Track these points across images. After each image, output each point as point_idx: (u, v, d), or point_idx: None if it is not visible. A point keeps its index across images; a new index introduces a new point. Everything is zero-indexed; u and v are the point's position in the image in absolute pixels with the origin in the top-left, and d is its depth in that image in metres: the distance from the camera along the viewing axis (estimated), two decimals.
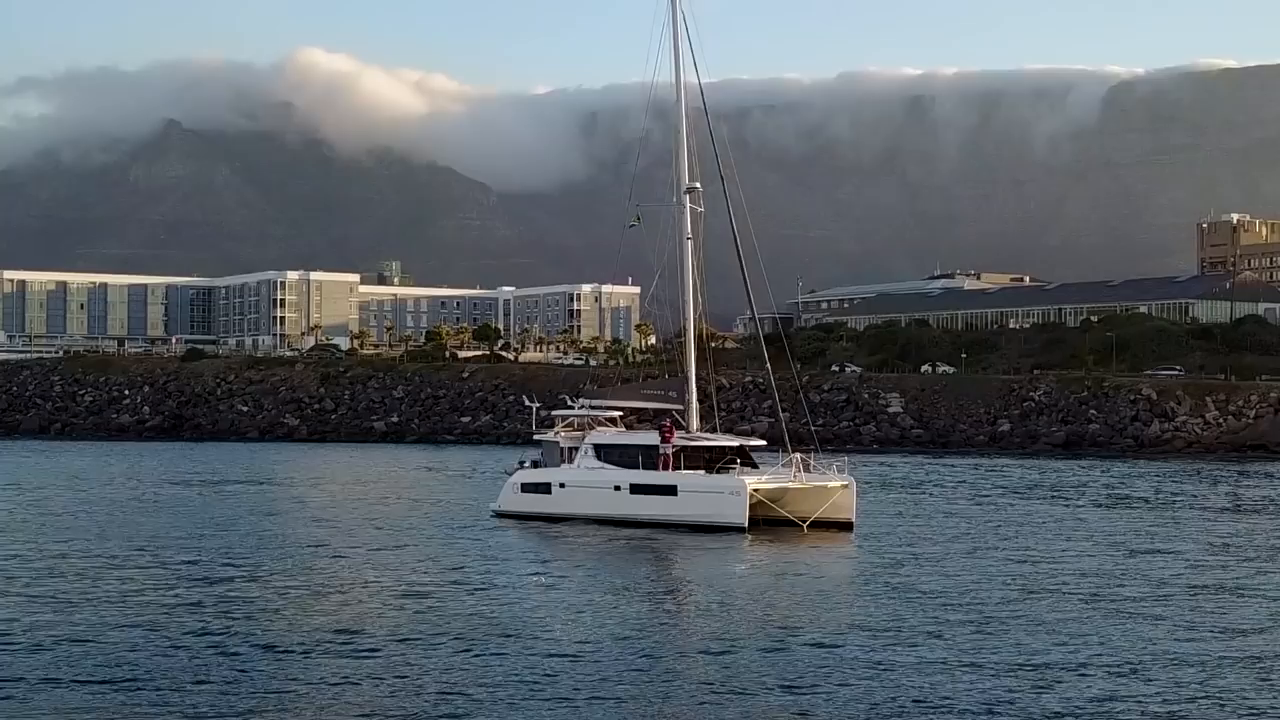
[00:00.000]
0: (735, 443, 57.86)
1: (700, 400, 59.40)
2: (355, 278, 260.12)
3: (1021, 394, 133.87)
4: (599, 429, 58.56)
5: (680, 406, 58.43)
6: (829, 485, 54.08)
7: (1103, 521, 60.50)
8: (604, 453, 56.34)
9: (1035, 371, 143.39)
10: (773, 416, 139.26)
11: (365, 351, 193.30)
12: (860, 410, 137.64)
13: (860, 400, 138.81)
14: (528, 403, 67.42)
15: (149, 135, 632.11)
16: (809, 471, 54.55)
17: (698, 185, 58.20)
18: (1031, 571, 43.44)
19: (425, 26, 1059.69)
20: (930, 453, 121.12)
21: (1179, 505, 69.18)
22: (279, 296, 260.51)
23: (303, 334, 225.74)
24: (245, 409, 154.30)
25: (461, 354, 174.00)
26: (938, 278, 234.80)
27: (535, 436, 61.80)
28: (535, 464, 59.44)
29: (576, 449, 56.97)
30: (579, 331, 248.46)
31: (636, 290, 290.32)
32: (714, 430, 60.42)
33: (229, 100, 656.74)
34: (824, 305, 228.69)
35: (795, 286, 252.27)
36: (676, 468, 54.89)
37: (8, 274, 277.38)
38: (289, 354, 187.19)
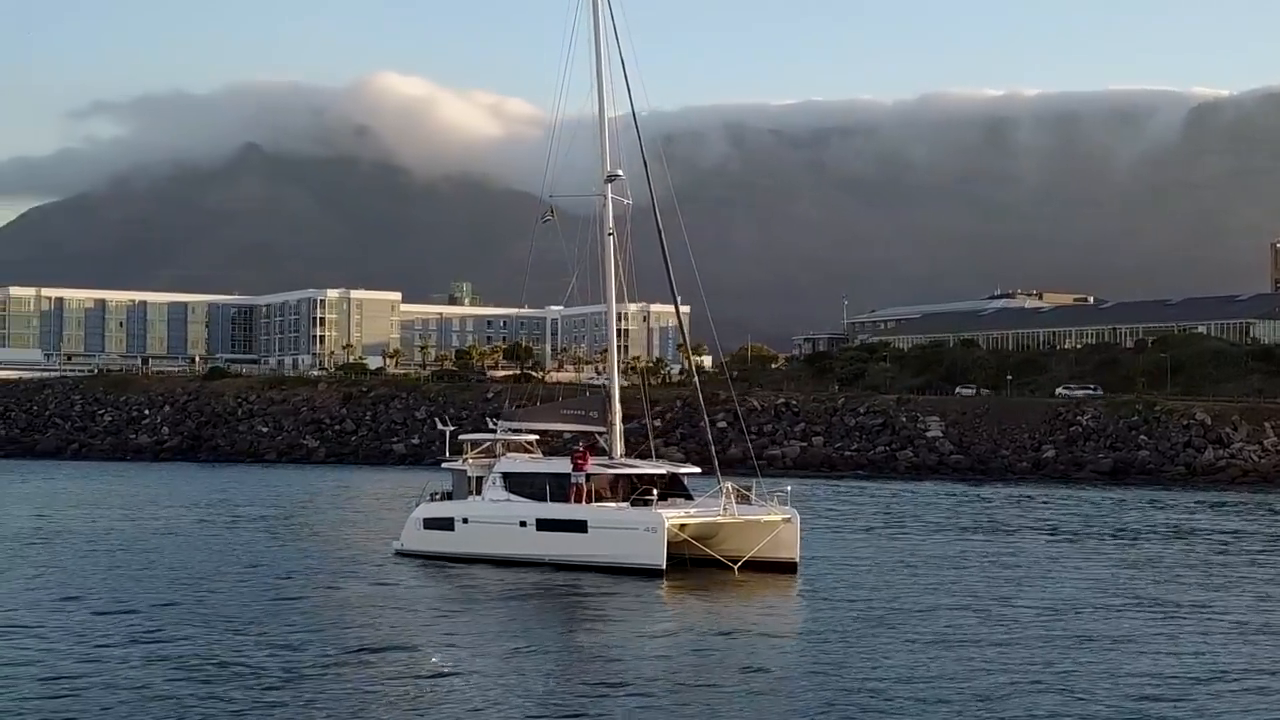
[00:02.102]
0: (661, 470, 50.25)
1: (627, 421, 52.22)
2: (396, 296, 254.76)
3: (1068, 418, 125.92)
4: (508, 456, 51.39)
5: (602, 429, 51.32)
6: (766, 519, 46.68)
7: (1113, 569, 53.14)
8: (513, 483, 49.07)
9: (1059, 391, 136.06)
10: (805, 440, 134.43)
11: (394, 371, 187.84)
12: (897, 434, 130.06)
13: (897, 424, 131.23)
14: (439, 426, 60.20)
15: (225, 158, 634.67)
16: (748, 503, 47.36)
17: (620, 173, 51.71)
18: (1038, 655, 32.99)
19: (499, 51, 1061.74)
20: (967, 480, 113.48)
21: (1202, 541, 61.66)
22: (319, 315, 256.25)
23: (331, 353, 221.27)
24: (265, 430, 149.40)
25: (493, 374, 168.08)
26: (997, 297, 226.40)
27: (443, 465, 54.13)
28: (447, 495, 52.27)
29: (484, 478, 50.02)
30: (626, 351, 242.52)
31: (687, 309, 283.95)
32: (649, 456, 52.93)
33: (303, 124, 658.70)
34: (882, 325, 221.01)
35: (850, 307, 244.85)
36: (597, 500, 47.78)
37: (45, 291, 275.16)
38: (317, 373, 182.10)
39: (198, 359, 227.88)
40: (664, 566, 44.26)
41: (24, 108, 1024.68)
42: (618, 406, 51.41)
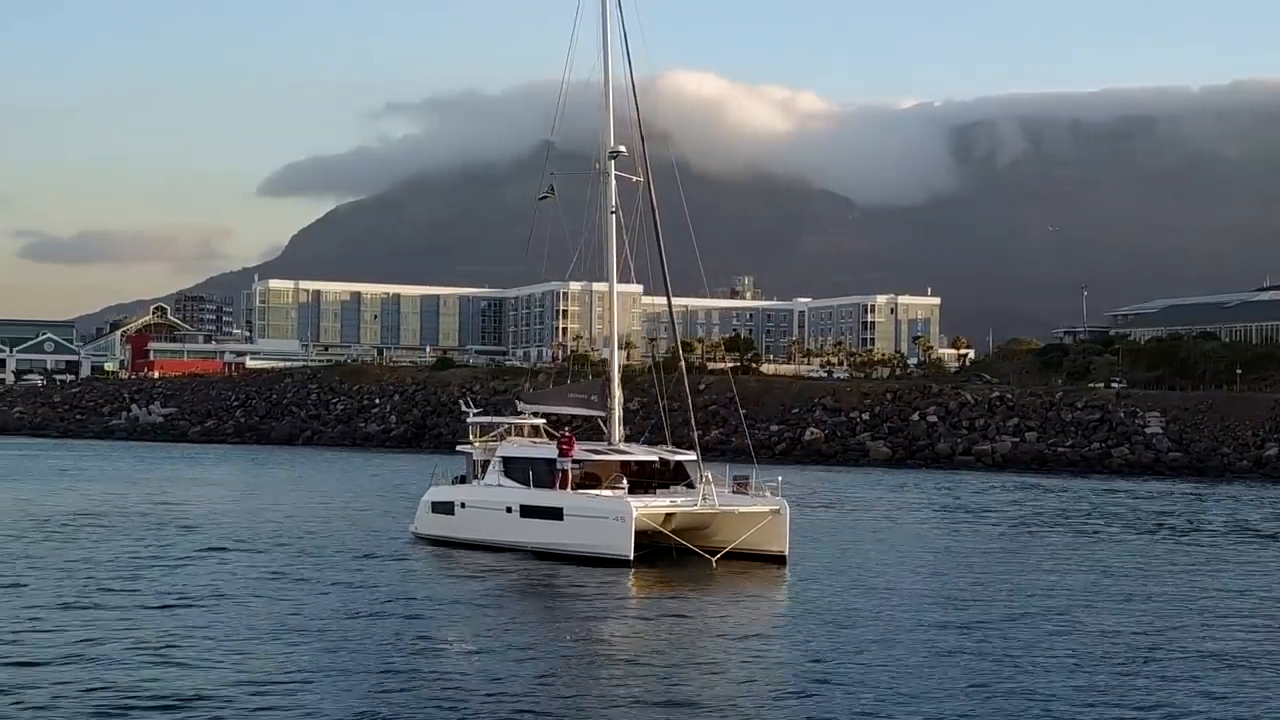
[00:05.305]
0: (652, 456, 47.96)
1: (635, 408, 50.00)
2: (638, 288, 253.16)
3: None
4: (510, 440, 50.08)
5: (602, 413, 49.36)
6: (749, 511, 44.07)
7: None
8: (510, 467, 47.79)
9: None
10: (1017, 436, 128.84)
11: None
12: (1114, 430, 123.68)
13: (1115, 420, 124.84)
14: (464, 407, 58.99)
15: (518, 157, 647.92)
16: (741, 493, 44.76)
17: (623, 149, 49.54)
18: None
19: (792, 44, 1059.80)
20: (1181, 478, 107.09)
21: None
22: (561, 307, 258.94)
23: (561, 345, 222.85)
24: None
25: (713, 366, 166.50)
26: (1266, 289, 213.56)
27: (458, 447, 53.39)
28: (461, 479, 51.30)
29: (489, 462, 48.77)
30: (872, 344, 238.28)
31: (936, 301, 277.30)
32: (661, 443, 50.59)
33: (595, 121, 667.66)
34: (1122, 318, 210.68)
35: (1128, 299, 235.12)
36: (587, 487, 45.94)
37: (303, 284, 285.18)
38: (545, 365, 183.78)
39: (429, 350, 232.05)
40: (631, 557, 42.07)
41: (320, 109, 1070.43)
42: (617, 391, 49.68)
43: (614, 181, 49.89)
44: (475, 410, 55.01)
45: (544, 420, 51.79)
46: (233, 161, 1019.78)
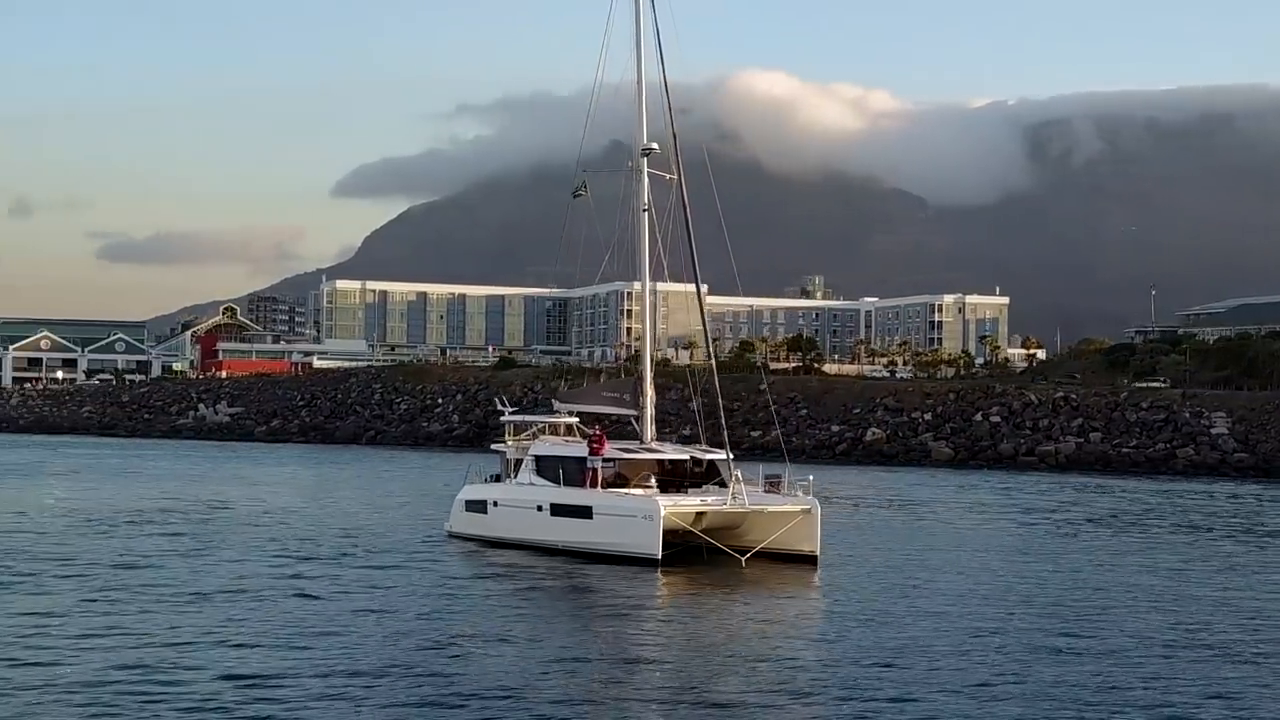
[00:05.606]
0: (683, 455, 47.62)
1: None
2: (704, 288, 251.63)
3: None
4: (543, 438, 49.92)
5: (634, 411, 49.06)
6: (779, 510, 43.57)
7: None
8: (541, 466, 47.60)
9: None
10: (1081, 436, 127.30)
11: (679, 363, 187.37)
12: (1179, 430, 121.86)
13: (1180, 420, 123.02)
14: (499, 406, 58.72)
15: (590, 157, 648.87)
16: (773, 491, 44.37)
17: (655, 146, 49.17)
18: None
19: (863, 43, 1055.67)
20: (1246, 479, 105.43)
21: None
22: (626, 307, 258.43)
23: (623, 345, 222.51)
24: None
25: (776, 366, 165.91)
26: None
27: (492, 446, 53.33)
28: (495, 478, 51.19)
29: (521, 461, 48.63)
30: (940, 344, 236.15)
31: (1005, 301, 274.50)
32: (692, 442, 50.33)
33: (667, 121, 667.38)
34: (1191, 317, 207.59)
35: (1203, 298, 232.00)
36: (618, 486, 45.73)
37: (370, 285, 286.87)
38: (607, 364, 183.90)
39: (491, 350, 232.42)
40: (659, 556, 41.66)
41: (391, 111, 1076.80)
42: (649, 389, 49.37)
43: (646, 179, 49.36)
44: (510, 409, 54.69)
45: (578, 419, 51.44)
46: (305, 164, 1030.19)
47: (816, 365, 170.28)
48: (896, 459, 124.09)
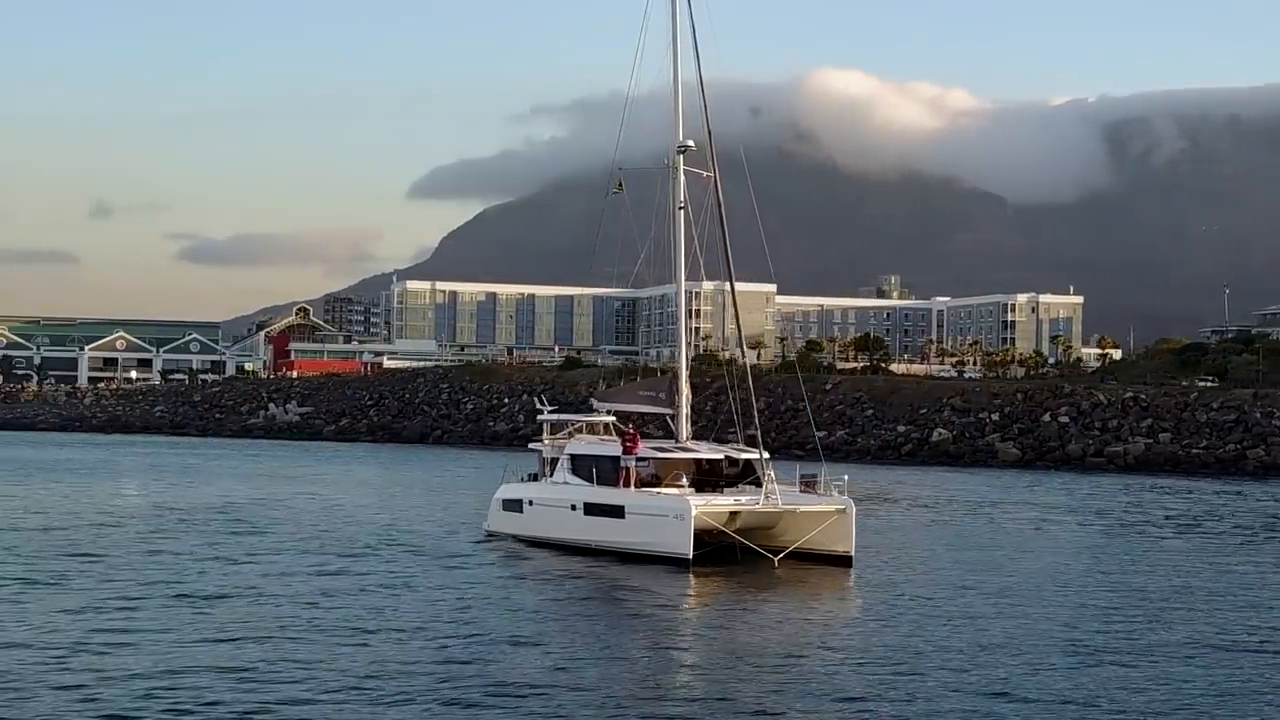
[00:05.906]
0: (719, 454, 47.17)
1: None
2: (771, 288, 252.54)
3: None
4: (579, 437, 49.63)
5: (670, 410, 48.77)
6: (813, 510, 43.03)
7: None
8: (577, 465, 47.37)
9: None
10: (1150, 437, 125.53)
11: (747, 362, 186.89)
12: (1249, 431, 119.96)
13: (1251, 420, 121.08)
14: (538, 405, 58.53)
15: (664, 157, 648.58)
16: (809, 491, 43.91)
17: (691, 143, 48.85)
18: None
19: (941, 42, 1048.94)
20: None
21: None
22: (694, 307, 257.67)
23: (691, 344, 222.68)
24: None
25: (842, 366, 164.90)
26: None
27: (530, 445, 53.26)
28: (533, 477, 51.05)
29: (558, 460, 48.45)
30: (1012, 343, 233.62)
31: (1079, 300, 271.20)
32: (730, 441, 49.92)
33: (744, 120, 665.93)
34: (1268, 315, 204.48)
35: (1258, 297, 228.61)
36: (653, 485, 45.36)
37: (440, 285, 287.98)
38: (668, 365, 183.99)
39: (558, 350, 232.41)
40: (690, 556, 41.26)
41: (466, 112, 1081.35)
42: (685, 388, 49.08)
43: (683, 176, 49.21)
44: (549, 408, 54.54)
45: (614, 418, 51.18)
46: (382, 165, 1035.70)
47: (883, 365, 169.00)
48: (963, 460, 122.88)
